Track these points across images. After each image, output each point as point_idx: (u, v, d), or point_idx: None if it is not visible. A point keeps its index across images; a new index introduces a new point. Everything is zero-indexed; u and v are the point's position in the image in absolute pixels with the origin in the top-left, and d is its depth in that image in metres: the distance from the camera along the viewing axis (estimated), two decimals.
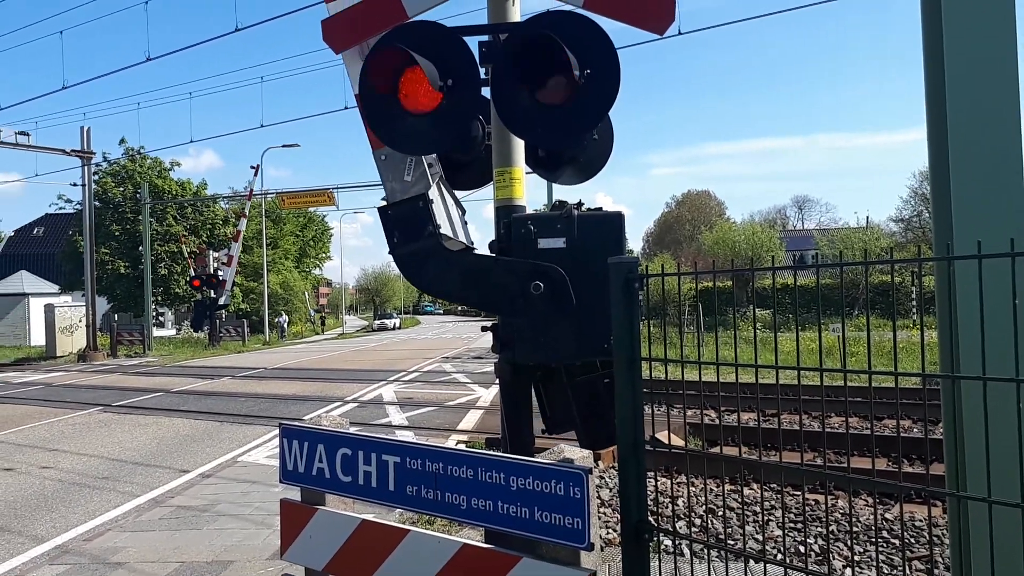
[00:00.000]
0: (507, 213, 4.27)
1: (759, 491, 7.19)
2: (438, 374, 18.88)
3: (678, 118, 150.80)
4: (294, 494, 3.44)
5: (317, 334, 51.33)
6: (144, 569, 5.35)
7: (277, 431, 10.62)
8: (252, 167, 35.28)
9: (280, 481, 3.40)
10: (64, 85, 21.55)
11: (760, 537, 5.70)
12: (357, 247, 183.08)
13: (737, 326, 5.62)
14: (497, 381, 4.24)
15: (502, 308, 3.97)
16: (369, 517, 3.18)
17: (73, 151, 27.36)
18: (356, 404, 13.64)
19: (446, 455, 2.89)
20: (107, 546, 5.91)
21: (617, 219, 3.95)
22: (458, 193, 5.37)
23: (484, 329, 4.37)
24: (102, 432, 11.42)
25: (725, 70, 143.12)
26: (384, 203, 4.12)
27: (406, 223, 4.07)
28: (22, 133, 24.26)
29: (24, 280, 50.04)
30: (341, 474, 3.18)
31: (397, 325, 64.87)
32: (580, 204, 4.11)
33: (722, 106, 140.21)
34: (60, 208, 46.57)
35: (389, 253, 4.22)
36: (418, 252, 4.04)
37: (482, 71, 3.90)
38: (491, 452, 2.85)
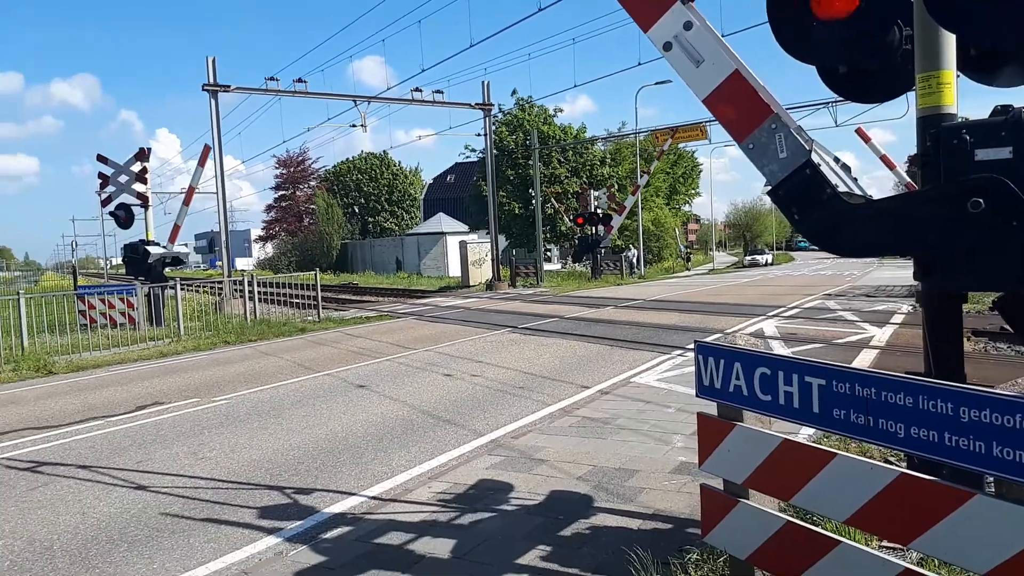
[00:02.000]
0: (934, 123, 3.81)
1: None
2: (821, 311, 17.78)
3: None
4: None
5: (687, 271, 51.79)
6: (562, 467, 6.10)
7: (664, 357, 11.11)
8: (671, 129, 35.40)
9: (696, 395, 3.57)
10: (471, 43, 24.30)
11: None
12: (725, 182, 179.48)
13: None
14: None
15: (934, 242, 3.55)
16: (788, 436, 3.19)
17: (476, 104, 31.06)
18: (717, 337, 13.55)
19: (880, 380, 2.75)
20: (530, 444, 6.85)
21: None
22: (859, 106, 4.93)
23: None
24: (513, 349, 13.15)
25: None
26: (769, 187, 3.94)
27: (800, 196, 3.84)
28: (438, 91, 28.26)
29: (442, 221, 59.24)
30: (759, 393, 3.23)
31: (769, 261, 62.27)
32: None
33: None
34: (466, 157, 53.63)
35: (796, 231, 4.05)
36: (824, 219, 3.80)
37: None
38: (934, 380, 2.64)
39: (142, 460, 7.06)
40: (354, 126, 27.81)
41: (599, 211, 36.32)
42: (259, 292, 19.70)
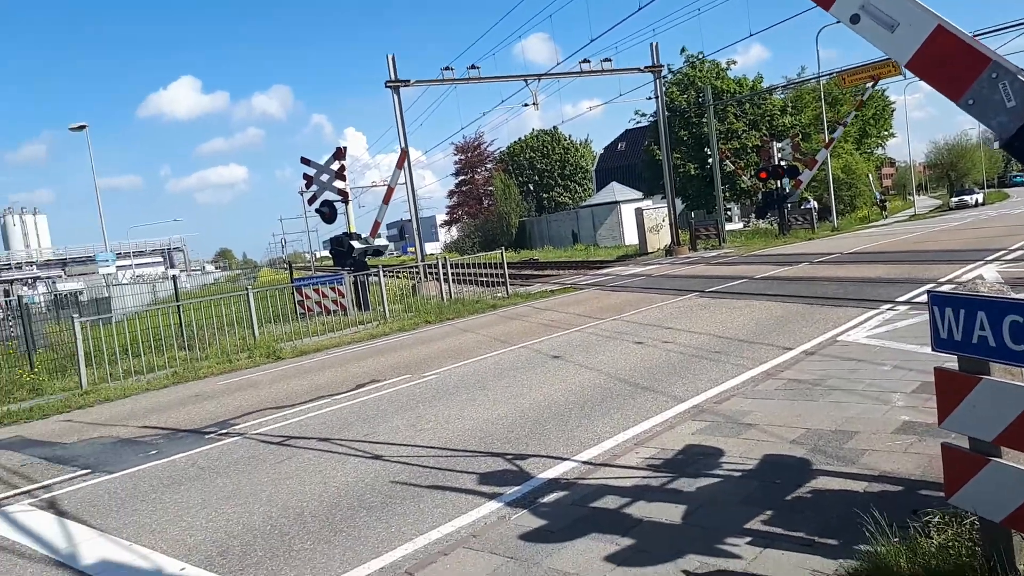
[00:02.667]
0: None
1: None
2: None
3: None
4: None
5: (884, 219, 47.61)
6: (773, 431, 5.93)
7: (872, 313, 10.41)
8: (871, 74, 31.62)
9: (933, 349, 3.33)
10: (639, 6, 23.53)
11: None
12: (921, 119, 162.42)
13: None
14: None
15: None
16: None
17: (645, 68, 30.41)
18: (952, 286, 12.34)
19: None
20: (736, 409, 6.70)
21: None
22: None
23: None
24: (703, 314, 12.86)
25: None
26: (1001, 140, 3.52)
27: None
28: (606, 60, 28.00)
29: (615, 190, 58.86)
30: (1010, 343, 2.96)
31: (979, 201, 55.60)
32: None
33: None
34: (636, 123, 52.62)
35: None
36: None
37: None
38: None
39: (368, 433, 7.73)
40: (525, 105, 28.31)
41: (783, 163, 34.31)
42: (451, 273, 20.74)
